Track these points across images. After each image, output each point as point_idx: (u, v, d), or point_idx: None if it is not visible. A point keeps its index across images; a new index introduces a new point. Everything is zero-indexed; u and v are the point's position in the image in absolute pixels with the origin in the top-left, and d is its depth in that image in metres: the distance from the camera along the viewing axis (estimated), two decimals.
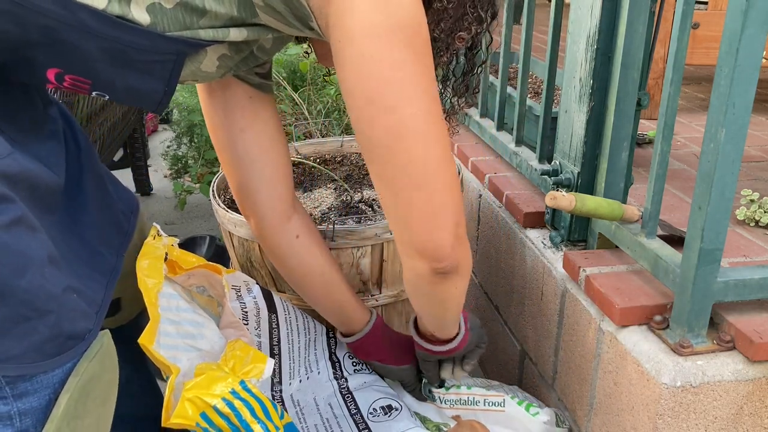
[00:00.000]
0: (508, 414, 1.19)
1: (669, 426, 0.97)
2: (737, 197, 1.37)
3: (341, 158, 1.65)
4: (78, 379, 0.74)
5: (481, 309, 1.68)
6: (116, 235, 0.93)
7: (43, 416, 0.72)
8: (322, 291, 1.13)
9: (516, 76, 1.93)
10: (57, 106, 0.89)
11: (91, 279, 0.81)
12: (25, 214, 0.70)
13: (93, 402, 0.78)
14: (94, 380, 0.77)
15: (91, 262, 0.83)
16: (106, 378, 0.80)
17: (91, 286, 0.81)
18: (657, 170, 1.03)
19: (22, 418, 0.71)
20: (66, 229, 0.80)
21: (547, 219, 1.34)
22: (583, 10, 1.16)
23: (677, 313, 0.99)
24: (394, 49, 0.74)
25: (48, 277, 0.71)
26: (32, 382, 0.71)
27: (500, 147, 1.65)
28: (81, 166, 0.87)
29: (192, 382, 0.87)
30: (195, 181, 2.21)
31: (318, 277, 1.11)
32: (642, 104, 1.13)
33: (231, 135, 1.02)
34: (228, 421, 0.86)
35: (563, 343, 1.24)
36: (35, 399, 0.72)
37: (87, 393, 0.76)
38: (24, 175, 0.72)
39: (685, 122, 2.12)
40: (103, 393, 0.80)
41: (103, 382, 0.79)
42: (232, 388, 0.87)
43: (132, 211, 0.99)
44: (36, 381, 0.71)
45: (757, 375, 0.97)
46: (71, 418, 0.74)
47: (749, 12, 0.82)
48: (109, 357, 0.80)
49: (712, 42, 2.17)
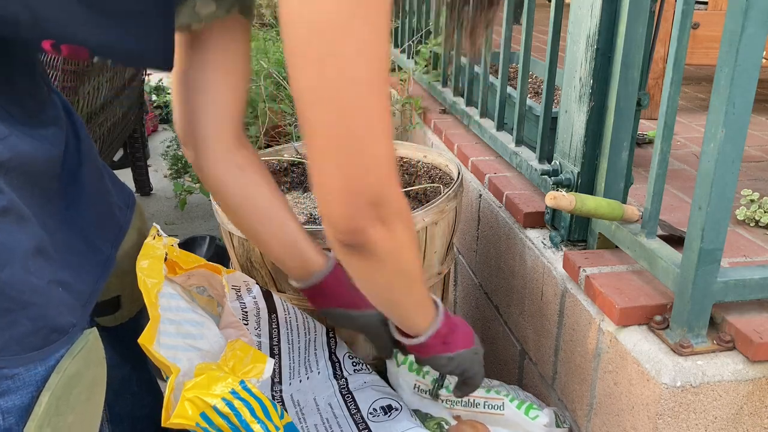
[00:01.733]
0: (507, 418, 1.19)
1: (669, 426, 0.97)
2: (737, 197, 1.37)
3: None
4: (60, 376, 0.73)
5: (481, 309, 1.68)
6: (112, 227, 0.92)
7: (26, 414, 0.72)
8: (272, 229, 1.05)
9: (516, 76, 1.93)
10: (59, 96, 0.88)
11: (82, 270, 0.81)
12: (13, 204, 0.69)
13: (76, 399, 0.77)
14: (77, 377, 0.76)
15: (84, 253, 0.83)
16: (90, 375, 0.79)
17: (81, 278, 0.80)
18: (657, 170, 1.03)
19: (5, 417, 0.71)
20: (61, 217, 0.80)
21: (547, 219, 1.34)
22: (583, 10, 1.16)
23: (677, 313, 0.99)
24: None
25: (32, 270, 0.70)
26: (14, 380, 0.70)
27: (500, 147, 1.65)
28: (80, 157, 0.86)
29: (192, 382, 0.87)
30: (195, 181, 2.21)
31: (266, 211, 1.03)
32: (642, 104, 1.13)
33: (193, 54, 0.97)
34: (228, 421, 0.86)
35: (563, 343, 1.24)
36: (18, 397, 0.71)
37: (70, 390, 0.75)
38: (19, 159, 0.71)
39: (685, 122, 2.12)
40: (88, 390, 0.79)
41: (87, 379, 0.79)
42: (232, 388, 0.87)
43: (128, 206, 0.99)
44: (18, 379, 0.71)
45: (757, 375, 0.97)
46: (53, 416, 0.73)
47: (749, 12, 0.82)
48: (95, 354, 0.79)
49: (712, 42, 2.17)
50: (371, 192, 0.73)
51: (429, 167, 1.58)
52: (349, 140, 0.70)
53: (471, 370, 1.06)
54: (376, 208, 0.74)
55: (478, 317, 1.71)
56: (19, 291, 0.69)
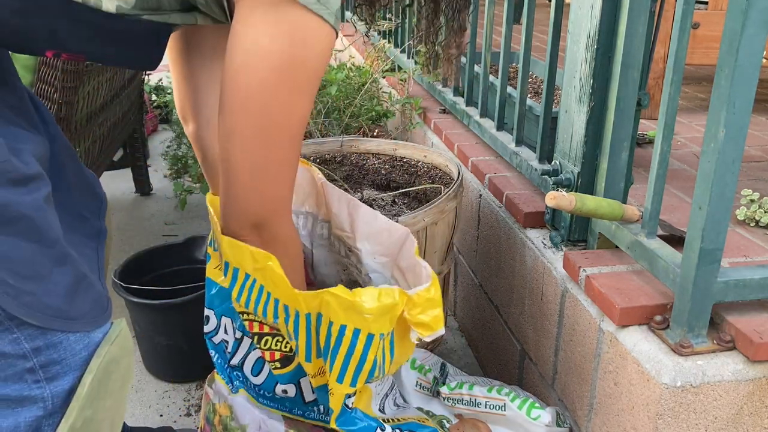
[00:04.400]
0: (509, 418, 1.19)
1: (669, 426, 0.97)
2: (737, 197, 1.37)
3: (341, 158, 1.65)
4: (100, 360, 0.78)
5: (481, 309, 1.68)
6: (94, 200, 0.97)
7: (68, 398, 0.77)
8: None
9: (516, 76, 1.92)
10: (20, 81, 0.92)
11: (83, 245, 0.86)
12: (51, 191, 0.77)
13: (114, 384, 0.82)
14: (114, 363, 0.81)
15: (79, 228, 0.87)
16: (124, 362, 0.84)
17: (86, 253, 0.85)
18: (657, 170, 1.03)
19: (54, 400, 0.76)
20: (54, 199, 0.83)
21: (547, 219, 1.34)
22: (583, 10, 1.16)
23: (677, 313, 0.99)
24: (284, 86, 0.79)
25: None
26: (62, 364, 0.75)
27: (500, 147, 1.65)
28: (52, 136, 0.90)
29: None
30: (195, 181, 2.21)
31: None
32: (642, 104, 1.13)
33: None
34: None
35: (563, 343, 1.24)
36: (66, 381, 0.76)
37: (108, 375, 0.80)
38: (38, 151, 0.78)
39: (685, 122, 2.12)
40: (122, 376, 0.84)
41: (123, 365, 0.83)
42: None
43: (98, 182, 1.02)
44: (65, 363, 0.76)
45: (757, 375, 0.97)
46: (94, 399, 0.78)
47: (749, 12, 0.82)
48: (128, 342, 0.85)
49: (712, 42, 2.17)
50: (260, 217, 0.86)
51: (429, 167, 1.58)
52: (262, 176, 0.83)
53: None
54: (258, 229, 0.87)
55: (478, 317, 1.71)
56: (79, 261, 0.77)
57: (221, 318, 1.07)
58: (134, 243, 2.28)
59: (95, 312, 0.78)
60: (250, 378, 1.05)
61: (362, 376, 0.86)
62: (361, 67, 2.46)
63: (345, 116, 2.10)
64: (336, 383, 0.86)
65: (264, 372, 1.03)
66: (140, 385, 1.63)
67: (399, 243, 1.04)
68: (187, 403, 1.56)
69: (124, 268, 1.65)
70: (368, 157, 1.65)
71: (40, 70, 1.46)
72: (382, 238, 1.08)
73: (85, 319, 0.76)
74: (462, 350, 1.76)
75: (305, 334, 0.88)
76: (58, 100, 1.47)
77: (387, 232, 1.07)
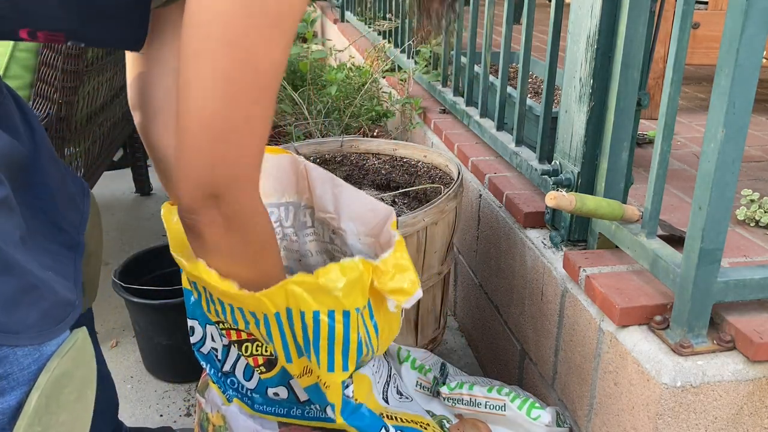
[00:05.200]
0: (509, 418, 1.19)
1: (669, 426, 0.97)
2: (737, 197, 1.37)
3: (341, 158, 1.65)
4: (48, 375, 0.74)
5: (481, 309, 1.68)
6: (74, 213, 0.93)
7: (17, 414, 0.73)
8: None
9: (516, 76, 1.92)
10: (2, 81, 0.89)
11: (59, 255, 0.83)
12: (8, 195, 0.71)
13: (67, 398, 0.78)
14: (66, 376, 0.77)
15: (57, 239, 0.85)
16: (79, 374, 0.80)
17: (61, 261, 0.82)
18: (657, 170, 1.03)
19: (1, 417, 0.71)
20: (30, 206, 0.82)
21: (547, 219, 1.34)
22: (583, 10, 1.16)
23: (677, 313, 0.99)
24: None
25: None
26: (8, 380, 0.71)
27: (500, 147, 1.65)
28: (36, 145, 0.87)
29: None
30: None
31: None
32: (642, 104, 1.13)
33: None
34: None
35: (563, 343, 1.24)
36: (12, 397, 0.72)
37: (60, 389, 0.76)
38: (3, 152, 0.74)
39: (685, 122, 2.12)
40: (78, 389, 0.80)
41: (77, 378, 0.79)
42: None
43: (84, 194, 0.99)
44: (12, 379, 0.71)
45: (757, 375, 0.97)
46: (43, 415, 0.74)
47: (749, 12, 0.82)
48: (84, 353, 0.80)
49: (712, 42, 2.17)
50: (217, 186, 0.72)
51: (429, 167, 1.58)
52: (223, 136, 0.69)
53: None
54: (216, 200, 0.73)
55: (478, 317, 1.71)
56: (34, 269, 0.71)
57: (206, 327, 1.05)
58: (134, 243, 2.28)
59: (44, 324, 0.72)
60: (243, 383, 1.04)
61: (351, 357, 0.83)
62: (361, 67, 2.46)
63: (345, 116, 2.10)
64: (328, 374, 0.83)
65: (255, 376, 1.02)
66: (140, 385, 1.63)
67: (383, 222, 1.00)
68: (187, 403, 1.56)
69: (124, 268, 1.65)
70: (368, 157, 1.65)
71: (40, 70, 1.46)
72: (367, 218, 1.04)
73: (30, 332, 0.70)
74: (462, 350, 1.77)
75: (279, 335, 0.84)
76: (58, 100, 1.47)
77: (372, 212, 1.02)
